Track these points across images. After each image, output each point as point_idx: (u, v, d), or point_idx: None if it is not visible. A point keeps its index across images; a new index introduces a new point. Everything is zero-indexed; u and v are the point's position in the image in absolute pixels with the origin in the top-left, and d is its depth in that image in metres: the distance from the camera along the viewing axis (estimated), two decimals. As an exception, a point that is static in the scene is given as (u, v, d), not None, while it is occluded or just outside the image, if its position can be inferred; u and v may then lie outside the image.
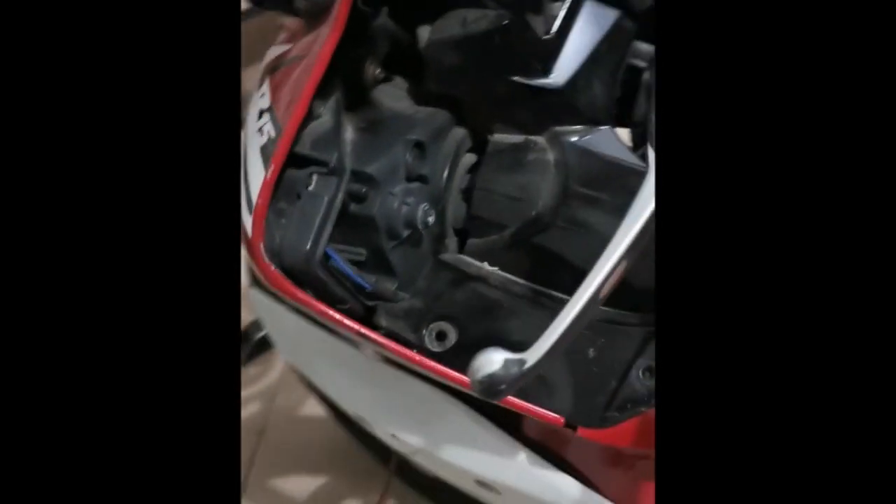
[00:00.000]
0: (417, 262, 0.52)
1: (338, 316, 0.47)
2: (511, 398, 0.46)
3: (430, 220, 0.50)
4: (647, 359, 0.45)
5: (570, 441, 0.53)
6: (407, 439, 0.57)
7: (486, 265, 0.51)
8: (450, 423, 0.55)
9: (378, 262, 0.50)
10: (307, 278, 0.47)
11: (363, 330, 0.47)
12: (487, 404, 0.54)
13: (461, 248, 0.52)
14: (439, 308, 0.50)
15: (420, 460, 0.64)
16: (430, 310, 0.50)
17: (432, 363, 0.47)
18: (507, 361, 0.37)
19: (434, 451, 0.56)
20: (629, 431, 0.46)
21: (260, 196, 0.46)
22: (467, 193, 0.52)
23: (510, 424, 0.54)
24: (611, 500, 0.51)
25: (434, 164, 0.51)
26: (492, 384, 0.36)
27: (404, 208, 0.49)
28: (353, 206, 0.49)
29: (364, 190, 0.48)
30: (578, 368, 0.46)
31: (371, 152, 0.49)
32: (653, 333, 0.45)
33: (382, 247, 0.49)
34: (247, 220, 0.46)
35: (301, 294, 0.47)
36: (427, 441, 0.57)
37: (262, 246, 0.46)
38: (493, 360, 0.37)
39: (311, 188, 0.47)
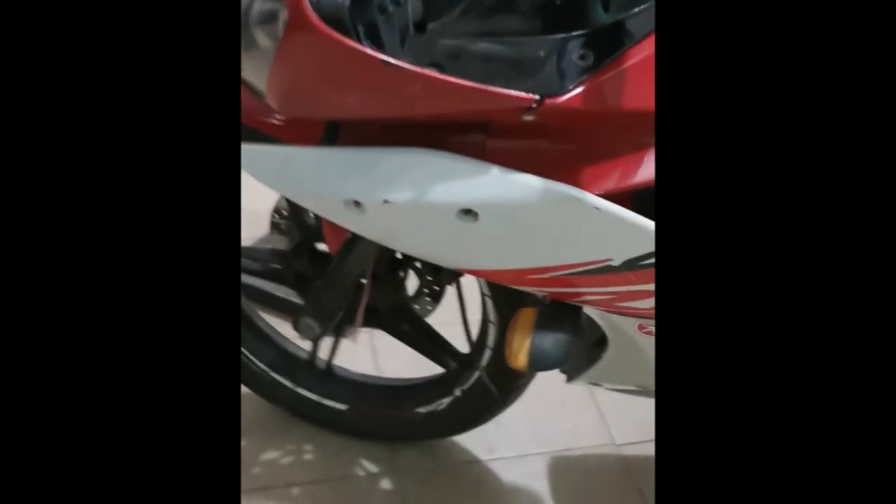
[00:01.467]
0: (393, 44, 0.71)
1: (369, 51, 0.65)
2: (493, 87, 0.66)
3: None
4: (582, 49, 0.67)
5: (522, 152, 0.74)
6: (398, 197, 0.74)
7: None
8: (432, 168, 0.73)
9: (372, 35, 0.69)
10: (339, 26, 0.65)
11: (393, 60, 0.65)
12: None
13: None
14: (426, 59, 0.69)
15: (404, 233, 0.81)
16: (419, 61, 0.69)
17: (447, 77, 0.66)
18: None
19: (422, 198, 0.74)
20: (582, 95, 0.67)
21: None
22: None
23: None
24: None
25: None
26: None
27: None
28: None
29: None
30: (535, 65, 0.68)
31: None
32: (586, 37, 0.68)
33: (375, 19, 0.68)
34: None
35: (337, 35, 0.65)
36: (415, 192, 0.74)
37: (307, 6, 0.64)
38: None
39: None
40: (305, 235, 1.19)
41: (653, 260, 0.75)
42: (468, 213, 0.74)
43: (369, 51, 0.65)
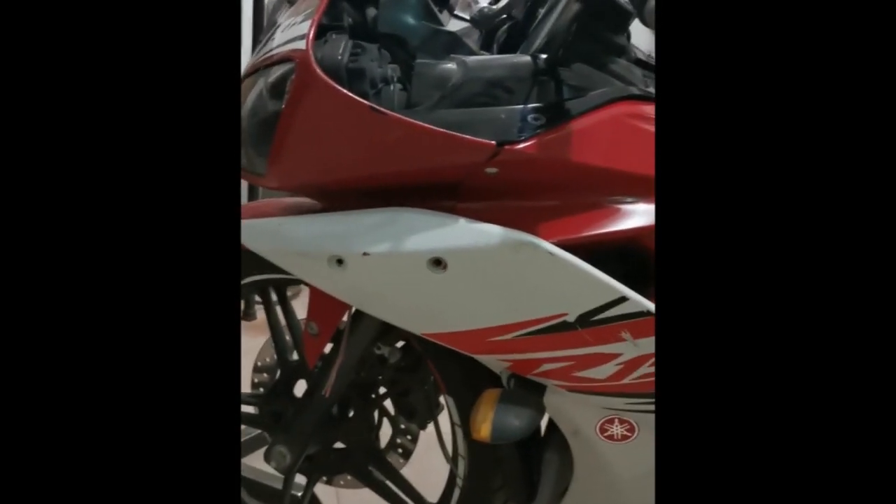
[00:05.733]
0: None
1: (360, 99, 0.79)
2: (460, 134, 0.79)
3: (395, 77, 0.86)
4: (536, 113, 0.81)
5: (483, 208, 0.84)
6: (376, 249, 0.83)
7: None
8: (407, 222, 0.83)
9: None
10: (337, 79, 0.79)
11: (379, 107, 0.79)
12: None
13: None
14: None
15: (380, 291, 0.88)
16: None
17: (423, 123, 0.79)
18: None
19: (397, 249, 0.83)
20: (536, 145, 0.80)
21: (311, 30, 0.79)
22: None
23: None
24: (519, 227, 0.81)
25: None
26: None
27: (379, 70, 0.85)
28: (350, 63, 0.83)
29: (358, 51, 0.84)
30: (497, 123, 0.81)
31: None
32: (540, 108, 0.82)
33: (367, 92, 0.83)
34: (299, 45, 0.79)
35: (334, 83, 0.78)
36: (391, 244, 0.83)
37: (312, 58, 0.79)
38: None
39: (334, 36, 0.82)
40: (286, 375, 1.25)
41: (604, 315, 0.82)
42: (438, 263, 0.82)
43: (360, 98, 0.79)
